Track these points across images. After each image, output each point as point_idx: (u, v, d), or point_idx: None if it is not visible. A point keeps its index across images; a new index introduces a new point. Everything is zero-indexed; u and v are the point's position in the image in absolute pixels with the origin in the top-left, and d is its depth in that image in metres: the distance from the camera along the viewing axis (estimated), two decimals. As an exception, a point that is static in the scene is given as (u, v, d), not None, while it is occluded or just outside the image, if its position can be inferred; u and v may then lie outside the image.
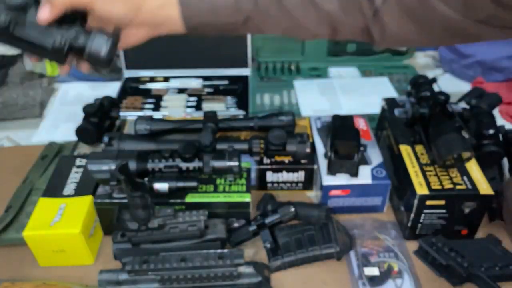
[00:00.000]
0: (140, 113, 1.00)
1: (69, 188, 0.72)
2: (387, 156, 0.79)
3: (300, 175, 0.80)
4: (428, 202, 0.67)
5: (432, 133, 0.72)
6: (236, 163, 0.70)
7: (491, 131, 0.76)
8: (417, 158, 0.73)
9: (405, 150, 0.75)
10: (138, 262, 0.63)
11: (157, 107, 1.03)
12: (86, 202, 0.69)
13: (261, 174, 0.80)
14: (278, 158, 0.79)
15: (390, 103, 0.85)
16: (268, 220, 0.70)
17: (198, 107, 1.03)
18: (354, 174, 0.73)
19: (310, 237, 0.69)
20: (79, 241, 0.66)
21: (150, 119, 0.81)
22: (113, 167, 0.66)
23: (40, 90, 1.07)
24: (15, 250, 0.71)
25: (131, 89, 1.10)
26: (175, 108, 1.03)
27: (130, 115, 0.99)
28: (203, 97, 1.06)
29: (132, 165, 0.67)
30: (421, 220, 0.70)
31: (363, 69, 1.19)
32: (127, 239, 0.65)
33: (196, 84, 1.11)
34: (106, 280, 0.63)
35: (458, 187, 0.67)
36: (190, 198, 0.69)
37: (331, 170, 0.74)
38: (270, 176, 0.80)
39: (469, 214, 0.68)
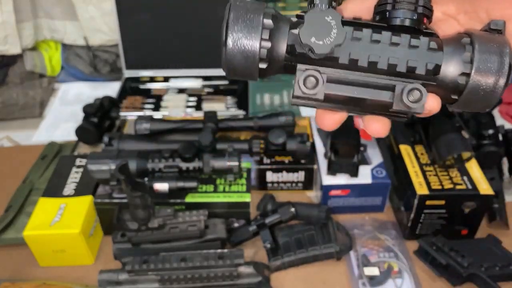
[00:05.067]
0: (140, 113, 1.00)
1: (69, 188, 0.72)
2: (387, 156, 0.79)
3: (300, 175, 0.80)
4: (428, 202, 0.67)
5: (432, 133, 0.72)
6: (236, 163, 0.70)
7: (491, 131, 0.76)
8: (417, 158, 0.73)
9: (405, 150, 0.75)
10: (138, 262, 0.63)
11: (157, 107, 1.03)
12: (86, 202, 0.69)
13: (261, 174, 0.80)
14: (278, 158, 0.79)
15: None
16: (268, 220, 0.70)
17: (198, 107, 1.03)
18: (354, 174, 0.73)
19: (310, 237, 0.69)
20: (79, 241, 0.66)
21: (150, 119, 0.81)
22: (113, 167, 0.66)
23: (40, 90, 1.07)
24: (15, 250, 0.71)
25: (131, 89, 1.10)
26: (175, 108, 1.03)
27: (130, 115, 0.99)
28: (203, 97, 1.06)
29: (132, 165, 0.67)
30: (421, 220, 0.70)
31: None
32: (127, 239, 0.65)
33: (196, 84, 1.11)
34: (106, 280, 0.63)
35: (458, 187, 0.67)
36: (190, 198, 0.69)
37: (331, 170, 0.74)
38: (270, 176, 0.80)
39: (469, 214, 0.68)
